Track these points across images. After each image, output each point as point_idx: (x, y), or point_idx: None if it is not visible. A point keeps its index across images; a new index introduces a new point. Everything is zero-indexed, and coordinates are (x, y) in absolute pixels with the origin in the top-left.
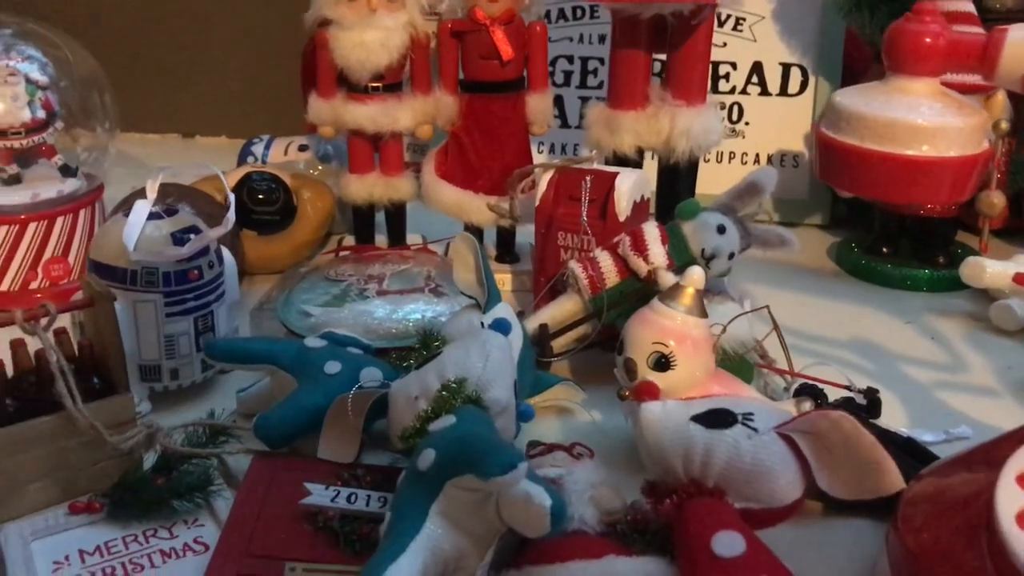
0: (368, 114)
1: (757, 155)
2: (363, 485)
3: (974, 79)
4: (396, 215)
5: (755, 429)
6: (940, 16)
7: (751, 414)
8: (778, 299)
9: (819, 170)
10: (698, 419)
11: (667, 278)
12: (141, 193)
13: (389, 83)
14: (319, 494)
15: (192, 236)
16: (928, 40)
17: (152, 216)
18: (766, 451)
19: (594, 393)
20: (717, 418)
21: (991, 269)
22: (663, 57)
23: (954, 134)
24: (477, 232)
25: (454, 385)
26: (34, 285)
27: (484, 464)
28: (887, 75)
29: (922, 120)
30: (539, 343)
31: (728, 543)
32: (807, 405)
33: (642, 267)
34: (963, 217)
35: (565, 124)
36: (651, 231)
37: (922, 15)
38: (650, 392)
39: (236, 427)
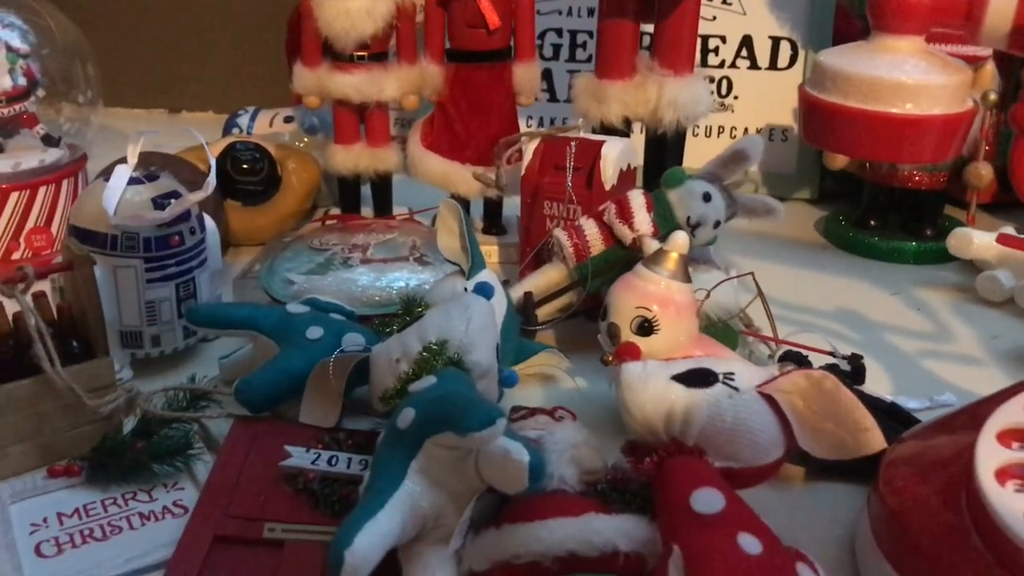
0: (353, 83)
1: (746, 128)
2: (344, 448)
3: (962, 50)
4: (382, 186)
5: (736, 388)
6: None
7: (732, 374)
8: (766, 271)
9: (803, 131)
10: (679, 378)
11: (652, 245)
12: (124, 161)
13: (374, 52)
14: (299, 456)
15: (173, 201)
16: None
17: (133, 181)
18: (747, 410)
19: (579, 361)
20: (698, 377)
21: (978, 240)
22: (651, 28)
23: (938, 92)
24: (464, 203)
25: (435, 347)
26: (16, 255)
27: (463, 420)
28: (872, 34)
29: (905, 77)
30: (524, 311)
31: (707, 500)
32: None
33: (627, 235)
34: (951, 190)
35: (554, 98)
36: (636, 199)
37: None
38: (631, 353)
39: (217, 392)
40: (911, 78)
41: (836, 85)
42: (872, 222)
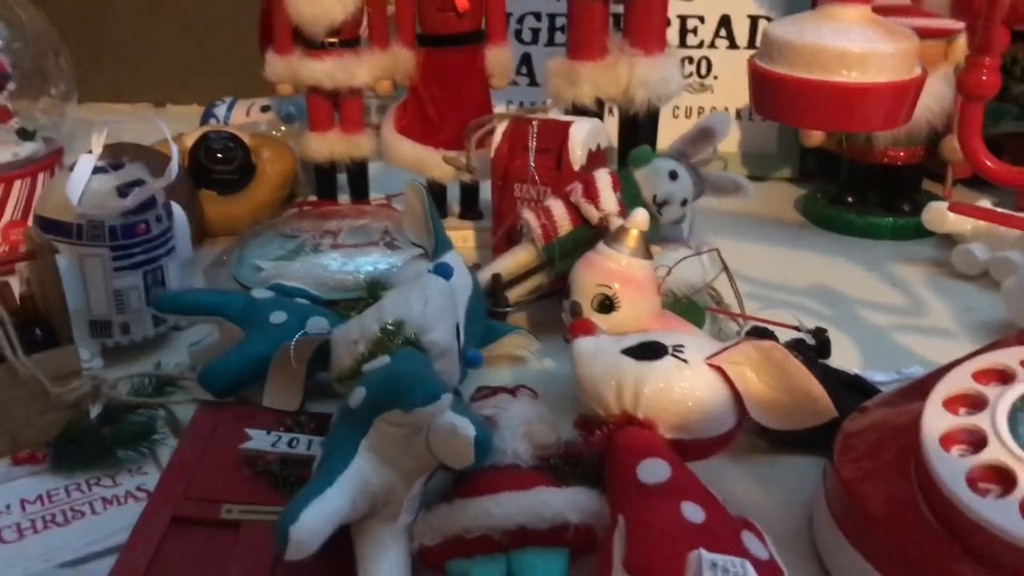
0: (325, 70)
1: (726, 108)
2: (306, 431)
3: (935, 23)
4: (358, 173)
5: (685, 360)
6: None
7: (681, 346)
8: (743, 250)
9: (753, 103)
10: (628, 352)
11: (618, 224)
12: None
13: (345, 39)
14: (259, 439)
15: (138, 189)
16: None
17: (98, 171)
18: (696, 382)
19: (548, 342)
20: (647, 350)
21: (953, 214)
22: (622, 9)
23: (883, 59)
24: (439, 188)
25: (392, 327)
26: None
27: (408, 396)
28: (819, 3)
29: (850, 45)
30: (492, 293)
31: (652, 470)
32: None
33: (593, 214)
34: (931, 166)
35: (534, 82)
36: (603, 178)
37: None
38: (584, 328)
39: (183, 378)
40: (856, 46)
41: (783, 55)
42: (849, 199)
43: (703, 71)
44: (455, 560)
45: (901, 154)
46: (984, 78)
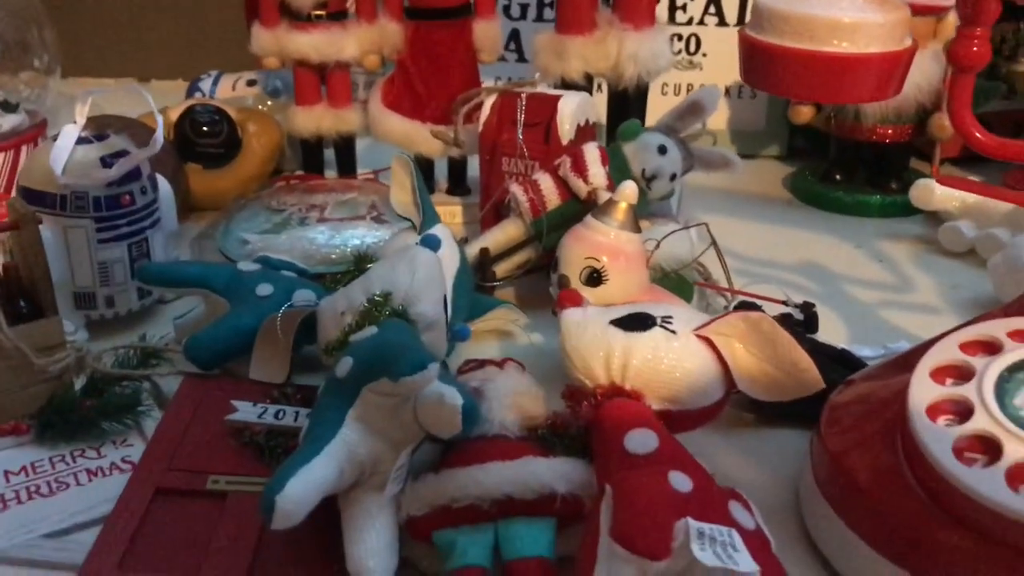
0: (312, 43)
1: (715, 86)
2: (292, 403)
3: (928, 0)
4: (345, 148)
5: (673, 331)
6: None
7: (670, 317)
8: (731, 227)
9: (743, 74)
10: (617, 323)
11: (606, 198)
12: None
13: (333, 11)
14: (246, 411)
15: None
16: None
17: (82, 141)
18: (684, 352)
19: (536, 316)
20: (636, 321)
21: (940, 191)
22: None
23: (874, 30)
24: (427, 163)
25: (379, 299)
26: None
27: (395, 365)
28: None
29: (841, 15)
30: (480, 268)
31: (641, 440)
32: None
33: (582, 188)
34: (918, 144)
35: (522, 58)
36: (591, 152)
37: None
38: (572, 299)
39: (168, 350)
40: (847, 16)
41: (773, 25)
42: (837, 176)
43: (692, 48)
44: (442, 530)
45: (889, 132)
46: (975, 49)
